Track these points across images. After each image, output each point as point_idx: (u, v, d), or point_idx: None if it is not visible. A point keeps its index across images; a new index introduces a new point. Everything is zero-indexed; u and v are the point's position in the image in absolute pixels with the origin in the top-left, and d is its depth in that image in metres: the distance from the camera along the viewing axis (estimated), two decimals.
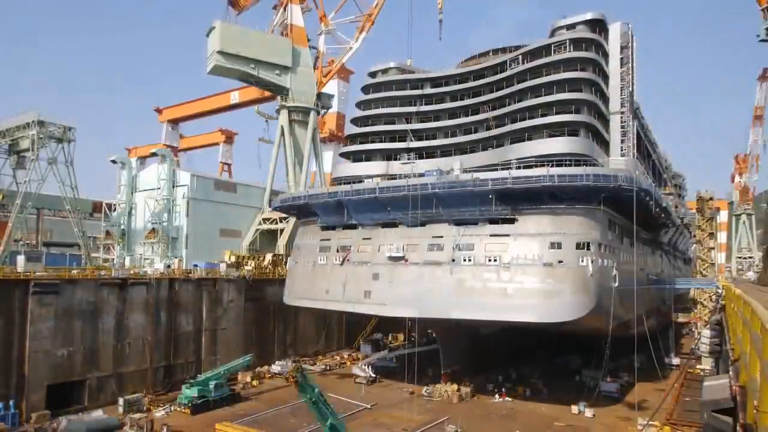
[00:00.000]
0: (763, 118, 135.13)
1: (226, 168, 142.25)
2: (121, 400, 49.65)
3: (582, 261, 46.84)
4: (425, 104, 68.13)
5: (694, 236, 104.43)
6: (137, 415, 46.72)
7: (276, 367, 65.05)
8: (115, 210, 79.57)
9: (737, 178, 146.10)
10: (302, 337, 75.24)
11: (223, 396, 52.03)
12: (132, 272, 58.61)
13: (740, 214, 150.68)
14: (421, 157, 63.93)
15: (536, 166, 51.92)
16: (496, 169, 53.22)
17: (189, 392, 50.35)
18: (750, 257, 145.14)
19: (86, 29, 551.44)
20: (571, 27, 60.13)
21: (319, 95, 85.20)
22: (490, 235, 50.84)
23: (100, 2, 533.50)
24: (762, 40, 57.05)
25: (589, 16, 59.95)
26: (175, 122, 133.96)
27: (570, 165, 50.17)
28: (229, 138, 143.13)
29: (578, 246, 47.39)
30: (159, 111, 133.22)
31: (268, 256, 75.87)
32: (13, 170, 66.82)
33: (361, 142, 70.66)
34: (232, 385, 57.96)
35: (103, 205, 79.01)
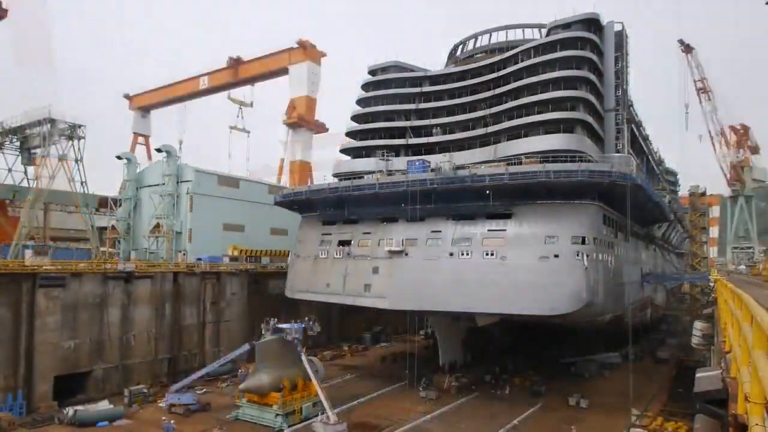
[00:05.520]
0: (707, 90, 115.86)
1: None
2: (126, 391, 50.50)
3: (577, 255, 47.63)
4: (424, 102, 69.06)
5: (687, 231, 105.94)
6: None
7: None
8: (120, 205, 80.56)
9: (726, 154, 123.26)
10: None
11: None
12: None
13: (736, 197, 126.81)
14: (419, 154, 64.81)
15: (526, 162, 53.07)
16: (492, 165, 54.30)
17: None
18: (749, 248, 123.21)
19: None
20: (567, 26, 61.15)
21: None
22: (488, 230, 51.85)
23: None
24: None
25: (584, 15, 60.98)
26: (145, 110, 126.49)
27: (565, 161, 51.16)
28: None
29: (574, 240, 48.29)
30: (129, 98, 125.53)
31: None
32: (24, 167, 67.98)
33: (361, 139, 71.70)
34: (235, 375, 59.08)
35: (109, 200, 79.94)
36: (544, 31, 65.29)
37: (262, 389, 45.36)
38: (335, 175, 69.93)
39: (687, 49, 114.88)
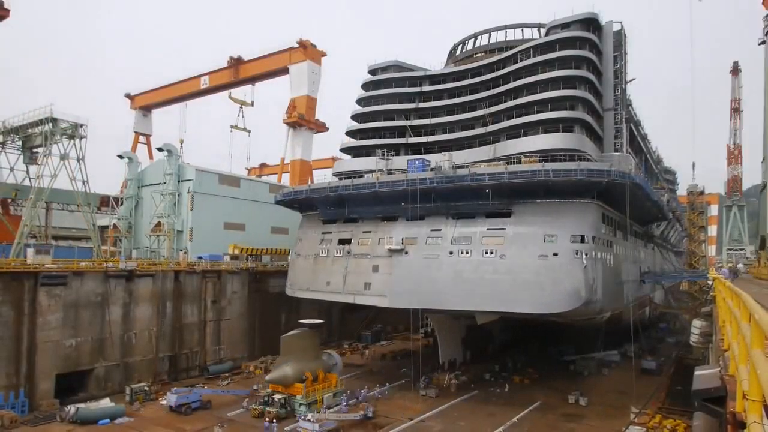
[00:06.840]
0: (740, 110, 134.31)
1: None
2: (127, 389, 50.83)
3: (576, 254, 47.84)
4: (424, 101, 69.21)
5: (686, 230, 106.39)
6: None
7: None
8: (122, 204, 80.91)
9: (727, 170, 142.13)
10: None
11: None
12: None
13: (731, 206, 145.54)
14: (419, 153, 64.99)
15: (526, 161, 53.28)
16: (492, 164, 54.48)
17: None
18: (741, 249, 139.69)
19: None
20: (565, 26, 61.38)
21: None
22: (487, 229, 52.06)
23: None
24: (761, 43, 59.81)
25: (583, 15, 61.18)
26: (146, 109, 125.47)
27: (564, 160, 51.36)
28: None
29: (573, 239, 48.49)
30: (130, 98, 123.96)
31: None
32: (26, 165, 68.24)
33: (361, 138, 71.83)
34: (236, 373, 59.53)
35: (111, 199, 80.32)
36: (543, 30, 65.51)
37: (286, 380, 48.08)
38: (335, 174, 70.12)
39: (735, 71, 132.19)
